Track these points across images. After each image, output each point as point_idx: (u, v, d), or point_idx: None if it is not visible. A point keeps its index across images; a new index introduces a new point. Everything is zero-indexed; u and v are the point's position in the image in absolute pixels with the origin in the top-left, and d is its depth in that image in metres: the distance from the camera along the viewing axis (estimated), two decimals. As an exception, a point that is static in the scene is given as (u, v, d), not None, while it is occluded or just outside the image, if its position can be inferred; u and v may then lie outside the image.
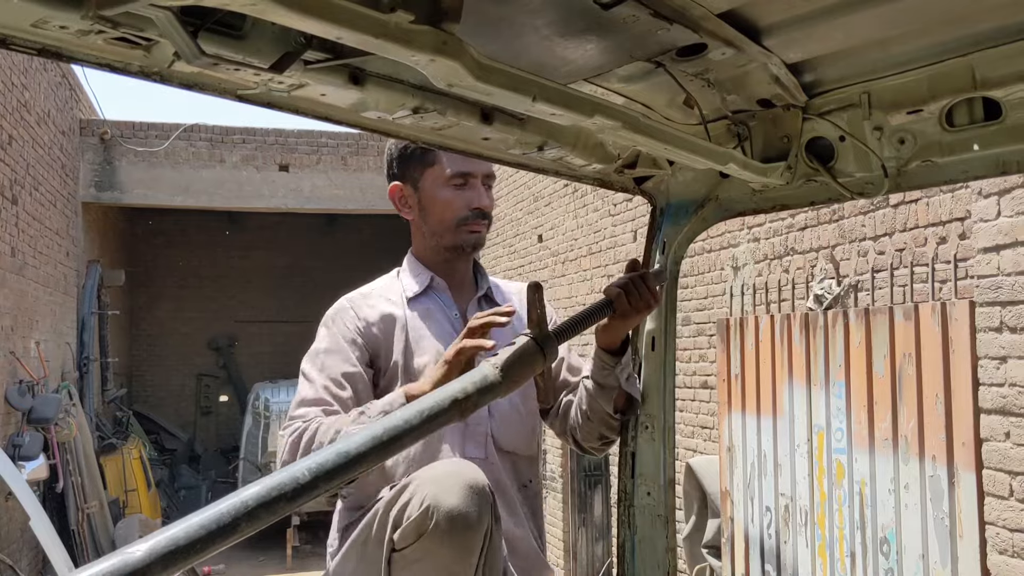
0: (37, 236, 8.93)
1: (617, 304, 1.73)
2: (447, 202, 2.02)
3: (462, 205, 2.01)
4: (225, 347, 16.88)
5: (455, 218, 2.02)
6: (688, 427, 6.48)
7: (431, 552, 1.57)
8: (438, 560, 1.58)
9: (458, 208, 2.01)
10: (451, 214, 2.02)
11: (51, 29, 0.91)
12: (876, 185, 1.56)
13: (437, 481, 1.59)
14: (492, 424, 1.99)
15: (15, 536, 7.76)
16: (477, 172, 2.02)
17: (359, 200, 12.33)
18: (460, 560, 1.58)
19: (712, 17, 1.26)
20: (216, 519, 0.94)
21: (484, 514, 1.58)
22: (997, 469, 3.40)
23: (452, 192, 2.02)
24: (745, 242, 5.86)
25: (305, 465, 1.05)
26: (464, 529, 1.55)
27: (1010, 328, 3.35)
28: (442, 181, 2.02)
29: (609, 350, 1.84)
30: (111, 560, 0.88)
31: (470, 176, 2.02)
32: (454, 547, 1.57)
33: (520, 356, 1.44)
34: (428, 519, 1.55)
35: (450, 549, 1.56)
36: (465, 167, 2.01)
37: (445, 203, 2.02)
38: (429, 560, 1.58)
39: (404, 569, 1.62)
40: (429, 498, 1.56)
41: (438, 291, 2.07)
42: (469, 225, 2.02)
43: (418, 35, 0.96)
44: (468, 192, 2.02)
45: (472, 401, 1.31)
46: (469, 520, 1.56)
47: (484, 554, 1.61)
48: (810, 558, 4.49)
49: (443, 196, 2.02)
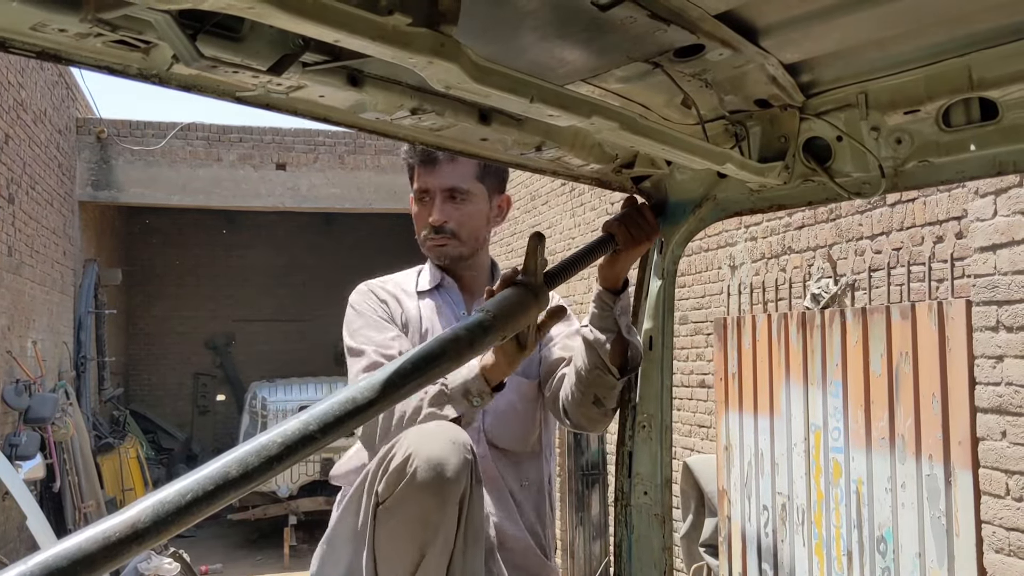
0: (34, 235, 8.92)
1: (619, 236, 1.74)
2: (415, 217, 2.13)
3: (422, 221, 2.10)
4: (222, 346, 16.87)
5: (419, 233, 2.12)
6: (685, 426, 6.49)
7: (409, 499, 1.60)
8: (416, 509, 1.61)
9: (421, 223, 2.11)
10: (417, 228, 2.12)
11: (50, 32, 0.91)
12: (873, 185, 1.56)
13: (420, 434, 1.65)
14: (486, 420, 1.99)
15: (12, 535, 7.76)
16: (434, 187, 2.06)
17: (356, 199, 12.33)
18: (438, 509, 1.60)
19: (709, 18, 1.26)
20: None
21: (463, 468, 1.61)
22: (993, 468, 3.41)
23: (418, 208, 2.12)
24: (742, 241, 5.87)
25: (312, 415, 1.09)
26: (441, 478, 1.59)
27: (1006, 327, 3.36)
28: (414, 196, 2.12)
29: (610, 289, 1.84)
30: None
31: (427, 192, 2.08)
32: (432, 494, 1.59)
33: (510, 299, 1.45)
34: (408, 466, 1.60)
35: (428, 496, 1.59)
36: (424, 182, 2.07)
37: (415, 218, 2.14)
38: (408, 508, 1.62)
39: (387, 521, 1.65)
40: (411, 448, 1.61)
41: (448, 289, 2.13)
42: (430, 239, 2.09)
43: (416, 37, 0.96)
44: (427, 208, 2.09)
45: (466, 342, 1.32)
46: (446, 469, 1.59)
47: (465, 510, 1.64)
48: (807, 557, 4.50)
49: (414, 211, 2.14)
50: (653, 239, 1.80)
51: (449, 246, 2.08)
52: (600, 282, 1.85)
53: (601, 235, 1.76)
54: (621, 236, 1.75)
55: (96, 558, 0.89)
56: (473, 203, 2.09)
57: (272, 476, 1.05)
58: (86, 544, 0.90)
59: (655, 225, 1.77)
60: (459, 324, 1.36)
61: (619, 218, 1.75)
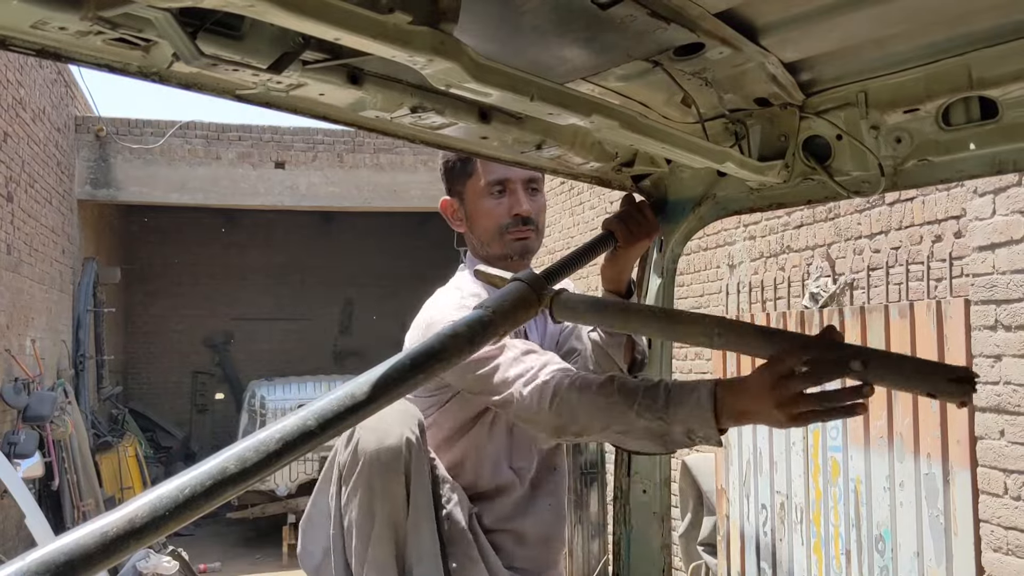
0: (33, 233, 8.91)
1: (618, 233, 1.74)
2: (488, 211, 2.03)
3: (503, 212, 2.01)
4: (221, 345, 16.84)
5: (497, 226, 2.02)
6: (684, 425, 6.48)
7: (357, 467, 1.78)
8: (364, 475, 1.78)
9: (499, 216, 2.01)
10: (493, 223, 2.02)
11: (50, 30, 0.91)
12: (873, 184, 1.56)
13: (368, 427, 1.77)
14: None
15: (11, 534, 7.75)
16: (515, 178, 2.00)
17: (355, 198, 12.30)
18: (380, 474, 1.76)
19: (709, 16, 1.26)
20: None
21: (402, 437, 1.76)
22: (992, 467, 3.41)
23: (492, 201, 2.02)
24: (741, 240, 5.87)
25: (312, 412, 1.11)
26: (380, 444, 1.76)
27: (1005, 326, 3.36)
28: (481, 190, 2.02)
29: (616, 293, 1.84)
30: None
31: (508, 182, 2.01)
32: (373, 459, 1.76)
33: (511, 296, 1.44)
34: (354, 435, 1.79)
35: (371, 461, 1.76)
36: (501, 174, 1.99)
37: (486, 212, 2.03)
38: (359, 477, 1.79)
39: (346, 492, 1.82)
40: (360, 441, 1.79)
41: None
42: (512, 232, 2.01)
43: (416, 36, 0.96)
44: (508, 199, 2.01)
45: (465, 339, 1.30)
46: (387, 437, 1.76)
47: (411, 481, 1.77)
48: (805, 556, 4.50)
49: (484, 206, 2.03)
50: (653, 237, 1.80)
51: (531, 239, 2.03)
52: (605, 284, 1.85)
53: (601, 233, 1.76)
54: (621, 233, 1.75)
55: (94, 554, 0.89)
56: (543, 195, 2.08)
57: (271, 472, 1.05)
58: (84, 540, 0.90)
59: (655, 223, 1.77)
60: (459, 320, 1.35)
61: (619, 216, 1.76)
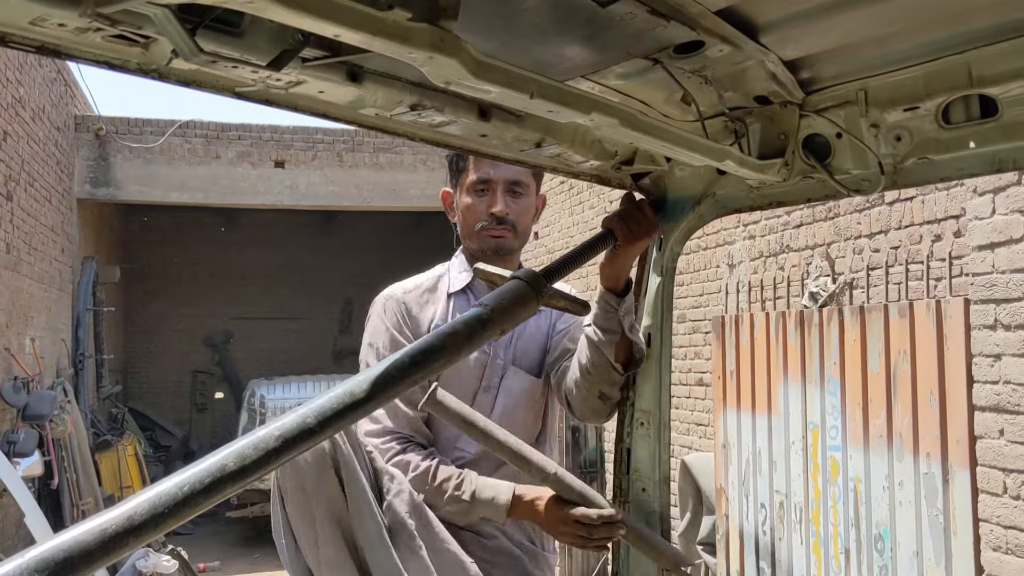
0: (32, 232, 8.91)
1: (618, 232, 1.75)
2: (469, 207, 2.13)
3: (482, 210, 2.10)
4: (221, 344, 16.83)
5: (474, 223, 2.12)
6: (683, 424, 6.49)
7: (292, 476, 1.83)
8: (296, 480, 1.83)
9: (478, 213, 2.11)
10: (472, 219, 2.13)
11: (49, 27, 0.91)
12: (872, 182, 1.56)
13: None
14: (493, 416, 2.01)
15: (10, 533, 7.75)
16: (498, 178, 2.09)
17: (355, 197, 12.30)
18: (313, 477, 1.81)
19: (709, 14, 1.26)
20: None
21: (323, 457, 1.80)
22: (991, 466, 3.42)
23: (474, 198, 2.12)
24: (741, 239, 5.87)
25: (310, 410, 1.11)
26: (311, 468, 1.80)
27: (1004, 326, 3.36)
28: (468, 187, 2.13)
29: (613, 291, 1.84)
30: None
31: (491, 182, 2.10)
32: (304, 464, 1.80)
33: (509, 294, 1.44)
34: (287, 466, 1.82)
35: (302, 466, 1.80)
36: (485, 173, 2.09)
37: (468, 208, 2.14)
38: (293, 485, 1.84)
39: (287, 504, 1.88)
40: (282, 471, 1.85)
41: (478, 291, 2.12)
42: (488, 230, 2.10)
43: (416, 33, 0.96)
44: (488, 197, 2.10)
45: (463, 337, 1.31)
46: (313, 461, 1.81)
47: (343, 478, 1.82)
48: (804, 555, 4.50)
49: (466, 201, 2.14)
50: (652, 235, 1.80)
51: (507, 238, 2.12)
52: (603, 282, 1.85)
53: (600, 231, 1.76)
54: (620, 232, 1.75)
55: (93, 551, 0.89)
56: (528, 198, 2.15)
57: (270, 470, 1.05)
58: (83, 537, 0.89)
59: (654, 221, 1.77)
60: (458, 319, 1.35)
61: (618, 214, 1.76)
